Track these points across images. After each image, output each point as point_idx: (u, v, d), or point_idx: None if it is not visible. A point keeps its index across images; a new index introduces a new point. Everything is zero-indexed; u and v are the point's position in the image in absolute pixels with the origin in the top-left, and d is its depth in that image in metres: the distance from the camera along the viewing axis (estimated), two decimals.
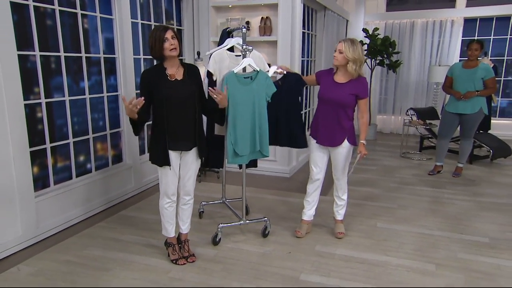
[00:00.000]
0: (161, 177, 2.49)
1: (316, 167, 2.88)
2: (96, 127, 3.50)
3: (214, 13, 4.70)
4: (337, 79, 2.71)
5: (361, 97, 2.69)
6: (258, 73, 2.69)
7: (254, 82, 2.68)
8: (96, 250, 2.74)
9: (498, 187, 4.20)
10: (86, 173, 3.41)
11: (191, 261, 2.61)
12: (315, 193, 2.99)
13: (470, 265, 2.57)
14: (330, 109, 2.72)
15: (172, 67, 2.37)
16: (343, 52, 2.58)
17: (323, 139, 2.79)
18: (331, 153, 2.84)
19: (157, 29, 2.29)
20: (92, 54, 3.38)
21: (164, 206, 2.54)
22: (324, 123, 2.76)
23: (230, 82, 2.60)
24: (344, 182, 2.91)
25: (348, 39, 2.65)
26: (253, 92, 2.67)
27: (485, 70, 4.16)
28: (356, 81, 2.68)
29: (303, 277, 2.42)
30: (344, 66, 2.64)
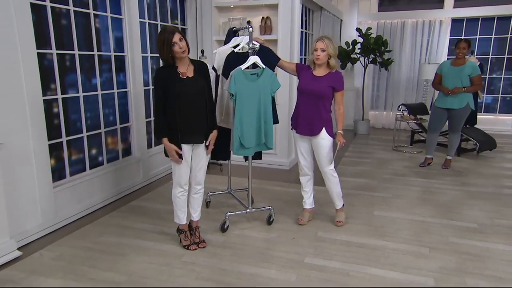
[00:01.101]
0: (174, 168, 2.65)
1: (301, 156, 3.10)
2: (107, 122, 3.65)
3: (216, 13, 4.87)
4: (316, 73, 2.92)
5: (337, 89, 2.91)
6: (264, 70, 2.89)
7: (260, 78, 2.88)
8: (112, 237, 2.91)
9: (485, 178, 4.47)
10: (98, 165, 3.57)
11: (202, 246, 2.79)
12: (309, 183, 3.20)
13: (460, 248, 2.80)
14: (310, 101, 2.92)
15: (183, 66, 2.51)
16: (326, 49, 2.79)
17: (303, 129, 2.99)
18: (313, 144, 3.03)
19: (165, 31, 2.38)
20: (104, 52, 3.53)
21: (176, 195, 2.72)
22: (304, 114, 2.96)
23: (238, 78, 2.79)
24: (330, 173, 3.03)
25: (325, 37, 2.85)
26: (259, 88, 2.87)
27: (472, 68, 4.42)
28: (333, 74, 2.90)
29: (307, 260, 2.62)
30: (325, 62, 2.86)
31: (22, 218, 2.76)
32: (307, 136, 3.02)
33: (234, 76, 2.78)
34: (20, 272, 2.44)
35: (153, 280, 2.36)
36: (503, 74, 7.11)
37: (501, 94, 7.20)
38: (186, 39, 2.47)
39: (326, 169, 3.04)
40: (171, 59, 2.45)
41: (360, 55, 6.87)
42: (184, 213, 2.78)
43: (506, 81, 7.13)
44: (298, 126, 3.03)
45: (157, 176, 4.32)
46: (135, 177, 3.99)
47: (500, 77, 7.14)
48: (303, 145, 3.08)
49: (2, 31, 2.50)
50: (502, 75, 7.13)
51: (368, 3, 7.55)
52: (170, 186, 2.81)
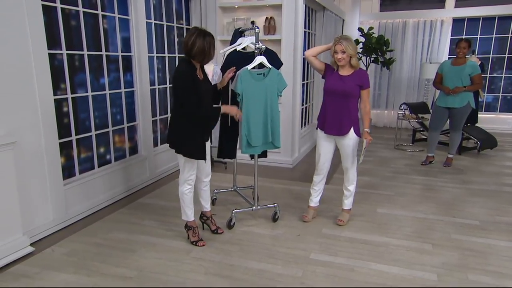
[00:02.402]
0: (186, 167, 2.68)
1: (323, 158, 3.13)
2: (114, 120, 3.71)
3: (221, 13, 4.92)
4: (342, 73, 2.94)
5: (364, 87, 2.94)
6: (270, 70, 2.94)
7: (267, 78, 2.94)
8: (121, 234, 2.98)
9: (486, 176, 4.53)
10: (106, 163, 3.63)
11: (221, 232, 3.00)
12: (322, 182, 3.25)
13: (463, 244, 2.87)
14: (338, 100, 2.95)
15: (198, 67, 2.61)
16: (346, 51, 2.83)
17: (332, 129, 3.01)
18: (339, 144, 3.07)
19: (208, 34, 2.47)
20: (111, 52, 3.59)
21: (184, 192, 2.77)
22: (332, 114, 2.98)
23: (244, 77, 2.85)
24: (353, 173, 3.13)
25: (342, 38, 2.86)
26: (265, 88, 2.94)
27: (472, 67, 4.48)
28: (358, 73, 2.93)
29: (313, 256, 2.69)
30: (348, 62, 2.90)
31: (34, 214, 2.83)
32: (334, 136, 3.05)
33: (240, 75, 2.84)
34: (33, 267, 2.50)
35: (162, 275, 2.42)
36: (503, 73, 7.17)
37: (502, 93, 7.26)
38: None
39: (351, 168, 3.10)
40: (206, 60, 2.54)
41: (362, 54, 6.92)
42: (192, 209, 2.84)
43: (506, 80, 7.19)
44: (326, 126, 3.04)
45: (163, 174, 4.39)
46: (142, 175, 4.05)
47: (501, 76, 7.20)
48: (327, 145, 3.10)
49: (15, 32, 2.56)
50: (502, 74, 7.18)
51: (370, 3, 7.60)
52: (177, 184, 2.86)
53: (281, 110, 4.81)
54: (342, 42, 2.82)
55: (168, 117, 4.60)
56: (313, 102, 6.16)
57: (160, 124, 4.46)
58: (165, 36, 4.39)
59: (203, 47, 2.47)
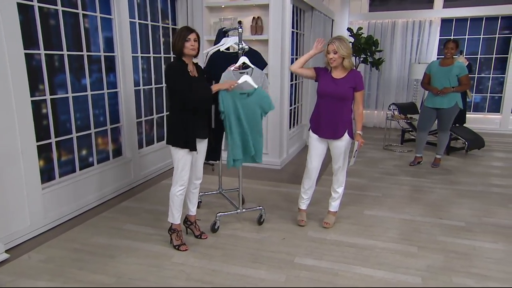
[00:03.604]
0: (180, 165, 2.62)
1: (315, 160, 3.05)
2: (97, 122, 3.63)
3: (207, 13, 4.86)
4: (335, 75, 2.87)
5: (358, 89, 2.87)
6: (255, 90, 2.82)
7: (251, 98, 2.81)
8: (102, 239, 2.90)
9: (473, 176, 4.54)
10: (88, 166, 3.54)
11: (204, 237, 2.93)
12: (312, 186, 3.19)
13: (448, 246, 2.84)
14: (332, 103, 2.89)
15: (190, 65, 2.61)
16: (338, 51, 2.77)
17: (326, 133, 2.94)
18: (331, 146, 3.01)
19: (184, 27, 2.55)
20: (93, 53, 3.50)
21: (176, 193, 2.69)
22: (327, 117, 2.91)
23: (225, 97, 2.72)
24: (342, 175, 3.09)
25: (335, 38, 2.81)
26: (248, 108, 2.81)
27: (460, 68, 4.48)
28: (352, 74, 2.86)
29: (297, 260, 2.64)
30: (340, 63, 2.84)
31: (10, 220, 2.73)
32: (327, 140, 3.00)
33: (221, 95, 2.72)
34: (7, 275, 2.41)
35: (142, 282, 2.36)
36: (491, 73, 7.21)
37: (490, 93, 7.30)
38: (200, 43, 2.59)
39: (341, 171, 3.06)
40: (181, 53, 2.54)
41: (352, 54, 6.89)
42: (180, 212, 2.76)
43: (494, 81, 7.23)
44: (320, 129, 2.97)
45: (149, 176, 4.31)
46: (126, 178, 3.97)
47: (489, 76, 7.24)
48: (319, 147, 3.03)
49: None
50: (490, 75, 7.23)
51: (359, 3, 7.59)
52: (162, 186, 2.80)
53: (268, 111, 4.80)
54: (335, 42, 2.76)
55: (154, 118, 4.52)
56: (302, 102, 6.12)
57: (146, 126, 4.39)
58: (150, 36, 4.31)
59: (174, 38, 2.53)
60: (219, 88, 2.66)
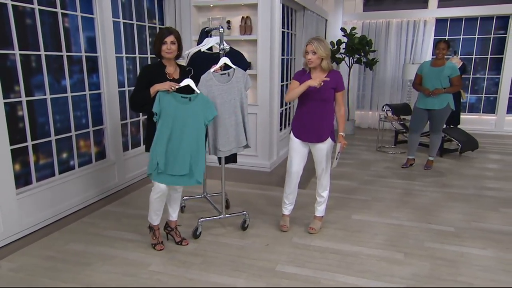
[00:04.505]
0: None
1: (296, 165, 2.97)
2: (78, 124, 3.53)
3: (195, 13, 4.77)
4: (314, 77, 2.79)
5: (339, 89, 2.80)
6: (198, 95, 2.56)
7: (192, 103, 2.54)
8: (78, 245, 2.81)
9: (465, 179, 4.45)
10: (69, 169, 3.45)
11: (185, 243, 2.84)
12: (294, 191, 3.10)
13: (435, 253, 2.76)
14: (315, 106, 2.81)
15: (170, 66, 2.56)
16: (316, 52, 2.69)
17: (310, 136, 2.86)
18: (313, 150, 2.93)
19: (164, 28, 2.50)
20: (74, 53, 3.41)
21: (154, 197, 2.62)
22: (310, 121, 2.83)
23: (163, 98, 2.44)
24: (326, 179, 3.00)
25: (314, 39, 2.73)
26: (188, 113, 2.52)
27: (451, 68, 4.40)
28: (331, 75, 2.78)
29: (279, 268, 2.55)
30: (319, 65, 2.76)
31: None
32: (312, 142, 2.91)
33: (159, 95, 2.44)
34: None
35: None
36: (486, 74, 7.13)
37: (485, 94, 7.21)
38: (180, 45, 2.53)
39: (324, 174, 2.98)
40: (159, 55, 2.52)
41: (345, 55, 6.82)
42: (158, 216, 2.74)
43: (489, 81, 7.15)
44: (303, 133, 2.88)
45: (134, 180, 4.22)
46: (110, 181, 3.88)
47: (484, 77, 7.16)
48: (301, 151, 2.95)
49: None
50: (485, 75, 7.14)
51: (353, 3, 7.51)
52: (147, 190, 2.72)
53: (257, 113, 4.71)
54: (313, 43, 2.69)
55: (141, 120, 4.43)
56: (293, 103, 6.03)
57: (131, 127, 4.29)
58: (135, 36, 4.22)
59: (154, 43, 2.52)
60: (159, 89, 2.44)
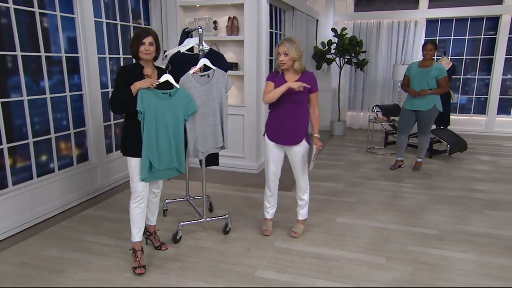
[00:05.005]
0: (134, 173, 2.46)
1: (274, 167, 2.93)
2: (59, 126, 3.47)
3: (182, 13, 4.71)
4: (288, 78, 2.75)
5: (313, 91, 2.77)
6: (178, 90, 2.54)
7: (173, 98, 2.52)
8: (54, 251, 2.74)
9: (453, 181, 4.42)
10: (48, 172, 3.38)
11: (164, 248, 2.78)
12: (275, 194, 3.06)
13: (418, 257, 2.72)
14: (289, 108, 2.76)
15: (148, 68, 2.49)
16: (288, 53, 2.65)
17: (285, 139, 2.82)
18: (289, 153, 2.89)
19: (141, 29, 2.43)
20: (53, 53, 3.35)
21: (132, 207, 2.51)
22: (285, 123, 2.79)
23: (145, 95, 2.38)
24: (304, 181, 2.96)
25: (286, 40, 2.69)
26: (169, 108, 2.50)
27: (438, 69, 4.37)
28: (304, 76, 2.75)
29: (258, 274, 2.50)
30: (291, 66, 2.72)
31: None
32: (287, 145, 2.87)
33: (141, 93, 2.37)
34: None
35: None
36: (477, 75, 7.12)
37: (475, 94, 7.21)
38: (158, 46, 2.47)
39: (302, 176, 2.93)
40: (137, 56, 2.45)
41: (336, 55, 6.79)
42: (139, 229, 2.54)
43: (480, 82, 7.14)
44: (277, 136, 2.83)
45: (118, 182, 4.15)
46: (92, 184, 3.81)
47: (474, 77, 7.15)
48: (277, 154, 2.90)
49: None
50: (476, 76, 7.13)
51: (344, 3, 7.47)
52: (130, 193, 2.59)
53: (244, 114, 4.66)
54: (285, 44, 2.65)
55: None
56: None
57: (116, 129, 4.23)
58: (119, 36, 4.16)
59: (130, 45, 2.42)
60: (140, 86, 2.37)
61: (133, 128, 2.44)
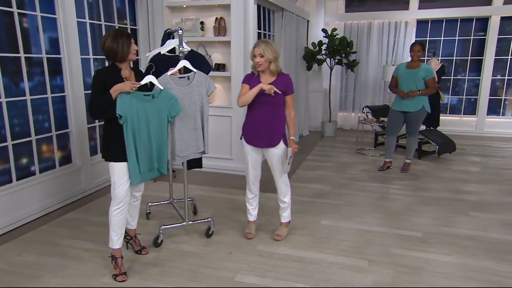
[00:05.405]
0: (115, 180, 2.41)
1: (253, 170, 2.92)
2: (40, 128, 3.42)
3: (168, 13, 4.67)
4: (264, 80, 2.73)
5: (288, 93, 2.75)
6: (161, 92, 2.49)
7: (156, 100, 2.47)
8: (31, 256, 2.69)
9: (440, 182, 4.42)
10: (29, 175, 3.33)
11: (145, 252, 2.75)
12: (256, 196, 3.04)
13: (400, 260, 2.70)
14: (265, 110, 2.75)
15: (126, 69, 2.42)
16: (264, 55, 2.63)
17: (262, 142, 2.80)
18: (266, 155, 2.87)
19: (122, 35, 2.33)
20: (34, 54, 3.30)
21: (112, 212, 2.44)
22: (261, 126, 2.77)
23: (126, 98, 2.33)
24: (283, 183, 2.93)
25: (261, 41, 2.67)
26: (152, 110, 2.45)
27: (426, 70, 4.36)
28: (280, 78, 2.73)
29: (238, 278, 2.47)
30: (268, 68, 2.70)
31: None
32: (264, 148, 2.84)
33: (120, 96, 2.32)
34: None
35: None
36: (467, 75, 7.13)
37: (466, 95, 7.22)
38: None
39: (281, 178, 2.90)
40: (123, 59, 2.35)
41: (326, 56, 6.77)
42: (119, 235, 2.47)
43: (470, 83, 7.15)
44: (255, 139, 2.81)
45: (103, 185, 4.10)
46: (76, 187, 3.76)
47: (464, 78, 7.16)
48: (255, 156, 2.88)
49: None
50: (466, 77, 7.15)
51: (335, 4, 7.46)
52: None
53: (232, 115, 4.63)
54: (261, 45, 2.63)
55: None
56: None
57: (100, 131, 4.18)
58: None
59: (112, 47, 2.31)
60: (121, 89, 2.31)
61: (114, 132, 2.38)
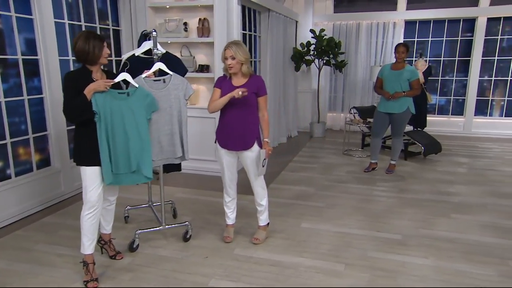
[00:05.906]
0: (86, 184, 2.36)
1: (229, 173, 2.89)
2: (16, 131, 3.36)
3: (152, 14, 4.62)
4: (235, 82, 2.70)
5: (260, 94, 2.72)
6: (137, 89, 2.45)
7: (131, 98, 2.42)
8: (2, 263, 2.63)
9: (424, 183, 4.41)
10: (4, 179, 3.27)
11: (120, 258, 2.71)
12: (233, 199, 3.01)
13: (376, 263, 2.68)
14: (237, 112, 2.71)
15: (97, 72, 2.38)
16: (236, 57, 2.60)
17: (236, 145, 2.77)
18: (241, 158, 2.84)
19: (94, 37, 2.28)
20: (8, 56, 3.24)
21: (84, 217, 2.39)
22: (234, 129, 2.74)
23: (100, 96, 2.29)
24: (259, 186, 2.90)
25: (232, 43, 2.64)
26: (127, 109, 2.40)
27: (411, 72, 4.36)
28: (253, 80, 2.71)
29: (212, 283, 2.44)
30: (239, 70, 2.67)
31: None
32: (238, 151, 2.81)
33: (94, 95, 2.28)
34: None
35: None
36: (454, 76, 7.15)
37: (453, 96, 7.24)
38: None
39: (257, 181, 2.88)
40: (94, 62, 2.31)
41: (315, 56, 6.75)
42: (91, 241, 2.42)
43: (458, 83, 7.17)
44: (228, 142, 2.77)
45: None
46: (55, 190, 3.71)
47: (452, 79, 7.18)
48: (230, 160, 2.86)
49: None
50: (453, 77, 7.16)
51: (324, 4, 7.44)
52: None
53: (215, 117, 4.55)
54: (232, 47, 2.60)
55: None
56: None
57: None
58: None
59: (83, 49, 2.26)
60: (94, 89, 2.27)
61: (85, 135, 2.35)
